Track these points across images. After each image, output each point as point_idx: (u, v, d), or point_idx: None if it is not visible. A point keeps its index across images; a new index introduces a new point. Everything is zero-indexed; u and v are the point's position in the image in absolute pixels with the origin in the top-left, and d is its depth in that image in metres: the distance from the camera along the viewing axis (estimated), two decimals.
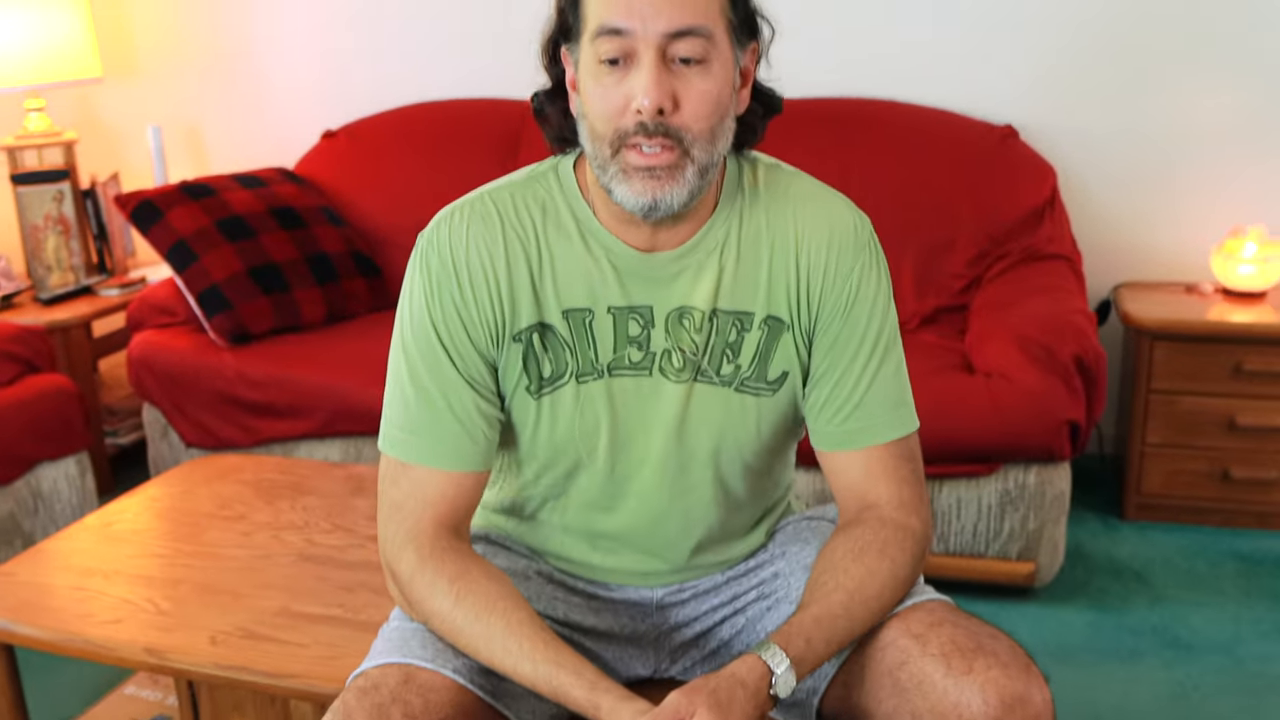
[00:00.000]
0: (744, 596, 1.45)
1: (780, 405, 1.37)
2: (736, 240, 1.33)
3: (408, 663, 1.26)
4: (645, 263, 1.31)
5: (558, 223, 1.32)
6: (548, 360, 1.32)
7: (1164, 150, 3.07)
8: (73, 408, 2.72)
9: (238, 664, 1.64)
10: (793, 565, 1.43)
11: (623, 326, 1.32)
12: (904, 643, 1.25)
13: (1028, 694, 1.19)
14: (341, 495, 2.16)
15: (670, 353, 1.32)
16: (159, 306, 3.05)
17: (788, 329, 1.34)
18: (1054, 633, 2.44)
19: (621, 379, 1.33)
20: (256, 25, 3.60)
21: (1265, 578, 2.63)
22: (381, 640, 1.35)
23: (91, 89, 3.68)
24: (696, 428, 1.34)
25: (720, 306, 1.32)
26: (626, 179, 1.21)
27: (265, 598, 1.81)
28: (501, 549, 1.48)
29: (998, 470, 2.47)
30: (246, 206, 3.09)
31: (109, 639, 1.72)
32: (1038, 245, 2.91)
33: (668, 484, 1.36)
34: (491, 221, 1.32)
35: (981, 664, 1.20)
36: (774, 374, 1.35)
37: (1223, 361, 2.77)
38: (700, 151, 1.21)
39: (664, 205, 1.22)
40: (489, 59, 3.41)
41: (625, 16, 1.17)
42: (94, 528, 2.08)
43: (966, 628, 1.25)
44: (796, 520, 1.51)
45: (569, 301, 1.32)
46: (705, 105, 1.20)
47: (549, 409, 1.34)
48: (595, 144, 1.23)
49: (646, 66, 1.17)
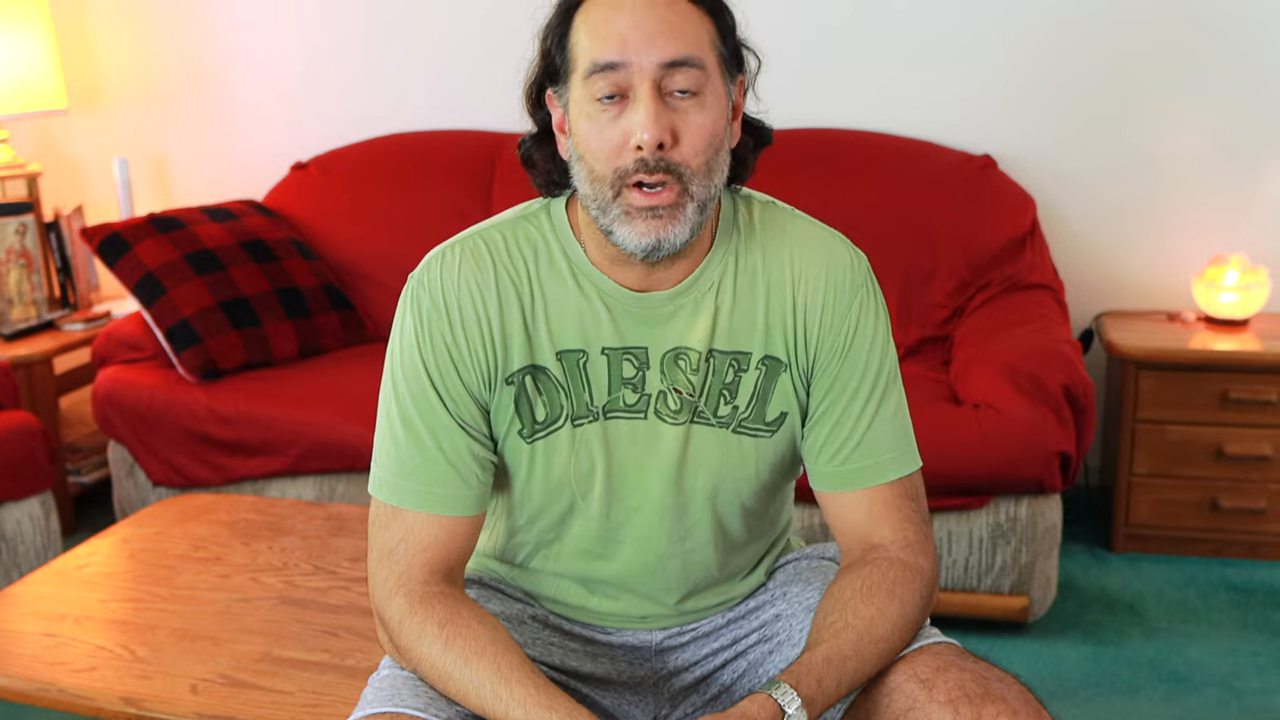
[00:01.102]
0: (745, 639, 1.40)
1: (778, 446, 1.33)
2: (733, 279, 1.30)
3: (400, 712, 1.21)
4: (639, 303, 1.28)
5: (550, 263, 1.29)
6: (541, 403, 1.29)
7: (1144, 179, 3.07)
8: (37, 445, 2.63)
9: (221, 714, 1.57)
10: (794, 607, 1.38)
11: (617, 368, 1.29)
12: (910, 688, 1.21)
13: None
14: (321, 536, 2.09)
15: (666, 394, 1.29)
16: (125, 341, 2.97)
17: (785, 369, 1.31)
18: (1050, 668, 2.40)
19: (617, 422, 1.29)
20: (224, 55, 3.54)
21: (1259, 609, 2.61)
22: (371, 690, 1.29)
23: (56, 120, 3.61)
24: (694, 470, 1.31)
25: (717, 347, 1.29)
26: (629, 220, 1.19)
27: (246, 643, 1.74)
28: (496, 593, 1.42)
29: (988, 503, 2.43)
30: (216, 240, 3.02)
31: (84, 688, 1.65)
32: (1019, 275, 2.90)
33: (665, 528, 1.32)
34: (483, 261, 1.28)
35: (990, 711, 1.16)
36: (772, 415, 1.32)
37: (1209, 390, 2.76)
38: (698, 188, 1.19)
39: (667, 245, 1.20)
40: (461, 89, 3.37)
41: (619, 51, 1.15)
42: (63, 571, 2.00)
43: (975, 672, 1.21)
44: (796, 559, 1.47)
45: (562, 343, 1.28)
46: (702, 139, 1.18)
47: (542, 454, 1.30)
48: (595, 185, 1.20)
49: (644, 100, 1.15)
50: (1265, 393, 2.73)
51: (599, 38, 1.17)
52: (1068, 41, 3.03)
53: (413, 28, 3.39)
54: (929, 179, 3.03)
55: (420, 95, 3.42)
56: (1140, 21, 2.98)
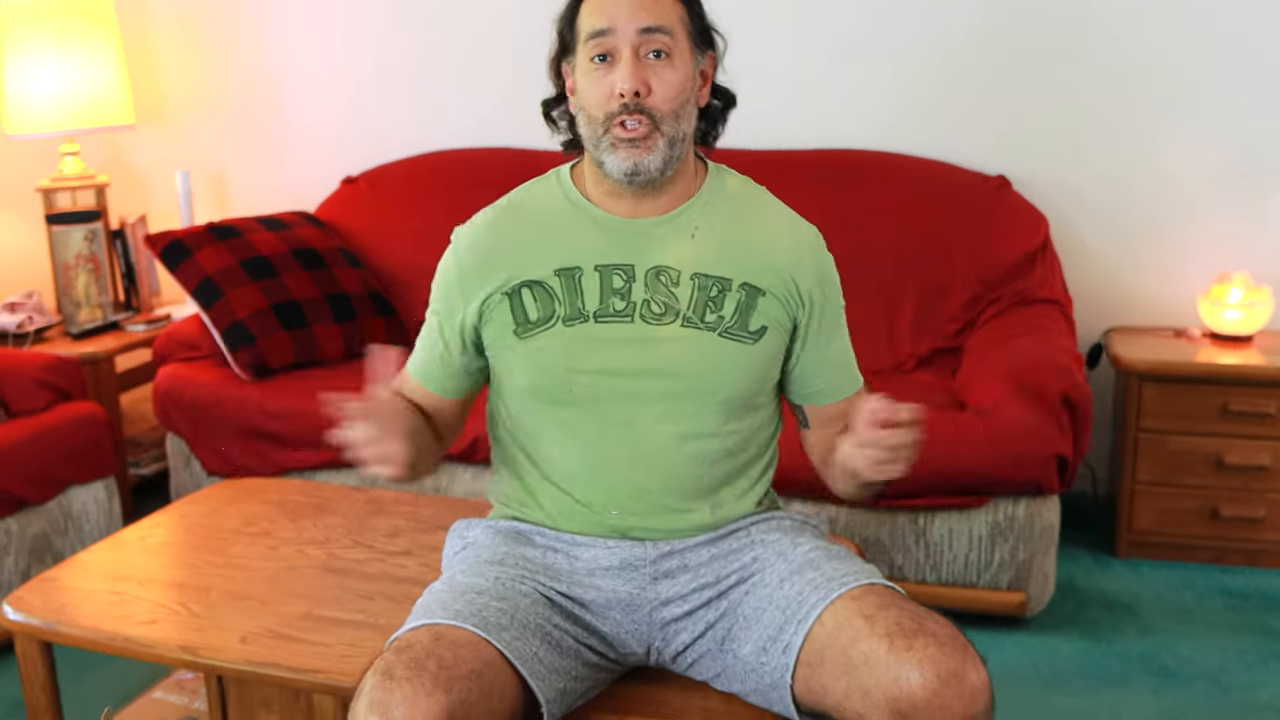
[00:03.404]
0: (727, 579, 1.58)
1: (758, 356, 1.61)
2: (712, 220, 1.62)
3: (436, 623, 1.43)
4: (628, 227, 1.60)
5: (556, 206, 1.64)
6: (535, 308, 1.60)
7: (1152, 201, 3.20)
8: (103, 434, 2.84)
9: (266, 661, 1.74)
10: (769, 551, 1.59)
11: (607, 280, 1.59)
12: (857, 622, 1.41)
13: (963, 671, 1.33)
14: (361, 515, 2.26)
15: (650, 302, 1.58)
16: (184, 341, 3.17)
17: (765, 296, 1.60)
18: (1045, 660, 2.53)
19: (606, 325, 1.58)
20: (280, 77, 3.76)
21: (1253, 612, 2.72)
22: (411, 616, 1.51)
23: (123, 135, 3.83)
24: (678, 366, 1.57)
25: (700, 270, 1.59)
26: (614, 150, 1.54)
27: (290, 603, 1.90)
28: (518, 539, 1.65)
29: (988, 503, 2.56)
30: (270, 247, 3.22)
31: (146, 638, 1.82)
32: (1030, 290, 3.04)
33: (651, 415, 1.58)
34: (507, 211, 1.67)
35: (921, 643, 1.34)
36: (754, 326, 1.60)
37: (1210, 402, 2.88)
38: (668, 127, 1.54)
39: (643, 169, 1.54)
40: (498, 111, 3.56)
41: (608, 21, 1.53)
42: (127, 541, 2.18)
43: (910, 610, 1.41)
44: (781, 518, 1.67)
45: (559, 262, 1.60)
46: (671, 90, 1.53)
47: (534, 348, 1.59)
48: (590, 127, 1.56)
49: (625, 61, 1.52)
50: (1265, 405, 2.85)
51: (595, 13, 1.54)
52: (1080, 71, 3.17)
53: (454, 54, 3.60)
54: (946, 198, 3.17)
55: (461, 116, 3.62)
56: (1149, 54, 3.12)
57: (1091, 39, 3.15)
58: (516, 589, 1.54)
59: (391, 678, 1.33)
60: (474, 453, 2.79)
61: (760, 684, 1.51)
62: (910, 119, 3.30)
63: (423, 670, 1.34)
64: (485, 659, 1.41)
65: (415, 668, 1.34)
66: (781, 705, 1.50)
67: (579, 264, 1.59)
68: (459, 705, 1.33)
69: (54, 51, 3.40)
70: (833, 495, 1.75)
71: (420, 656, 1.36)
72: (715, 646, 1.56)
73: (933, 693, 1.31)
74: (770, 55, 3.31)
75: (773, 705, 1.52)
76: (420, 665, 1.35)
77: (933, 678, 1.32)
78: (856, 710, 1.38)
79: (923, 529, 2.59)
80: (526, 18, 3.02)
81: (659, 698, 1.59)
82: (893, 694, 1.33)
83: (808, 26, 3.30)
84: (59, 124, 3.45)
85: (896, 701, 1.33)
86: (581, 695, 1.56)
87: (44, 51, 3.39)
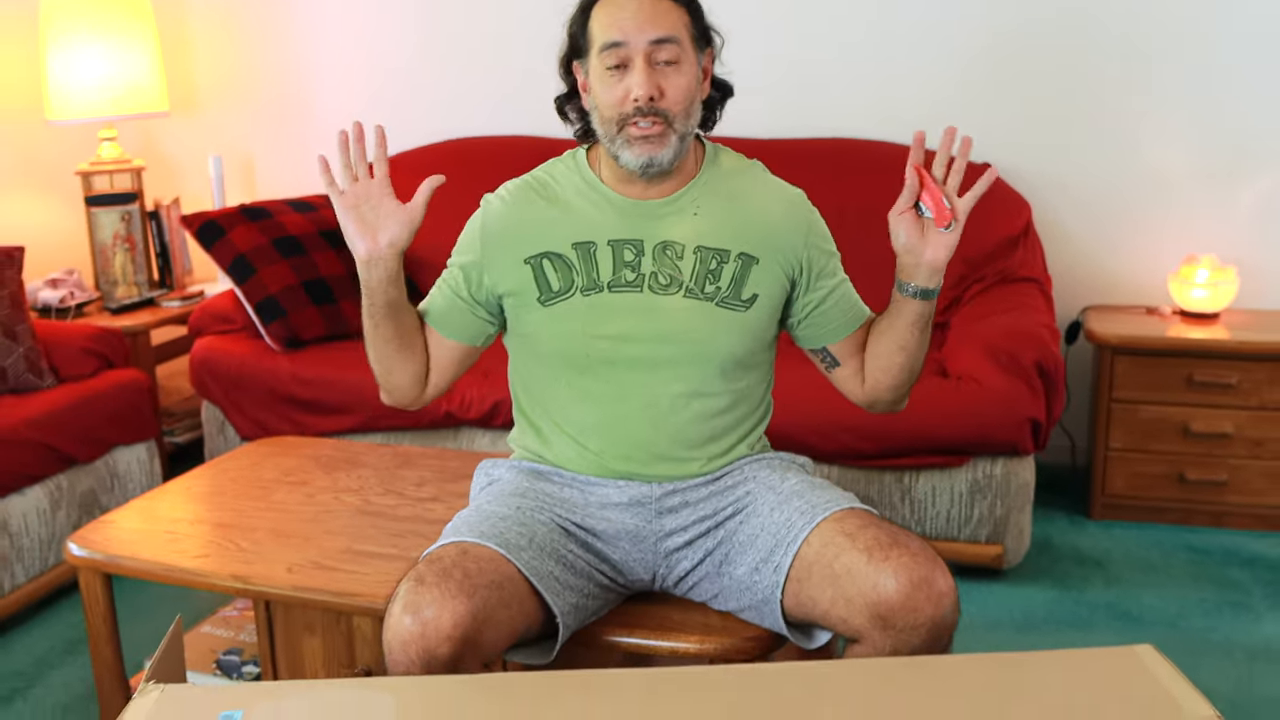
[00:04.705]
0: (723, 511, 1.79)
1: (750, 322, 1.79)
2: (710, 198, 1.79)
3: (462, 540, 1.64)
4: (637, 207, 1.78)
5: (572, 185, 1.82)
6: (556, 278, 1.77)
7: (1127, 189, 3.41)
8: (145, 399, 3.05)
9: (311, 587, 1.94)
10: (760, 486, 1.79)
11: (619, 254, 1.77)
12: (840, 540, 1.61)
13: (932, 577, 1.54)
14: (390, 468, 2.46)
15: (657, 274, 1.76)
16: (218, 315, 3.38)
17: (758, 264, 1.78)
18: (1019, 607, 2.73)
19: (619, 294, 1.76)
20: (307, 68, 3.97)
21: (1214, 566, 2.92)
22: (441, 536, 1.72)
23: (157, 121, 4.04)
24: (682, 331, 1.75)
25: (702, 244, 1.77)
26: (630, 145, 1.71)
27: (330, 540, 2.11)
28: (543, 477, 1.85)
29: (968, 462, 2.77)
30: (299, 228, 3.43)
31: (201, 569, 2.03)
32: (1011, 269, 3.24)
33: (660, 377, 1.76)
34: (526, 189, 1.85)
35: (895, 554, 1.56)
36: (746, 294, 1.78)
37: (1178, 374, 3.08)
38: (679, 124, 1.72)
39: (656, 162, 1.71)
40: (515, 101, 3.77)
41: (621, 34, 1.68)
42: (175, 490, 2.39)
43: (887, 528, 1.62)
44: (770, 458, 1.87)
45: (576, 237, 1.78)
46: (680, 93, 1.71)
47: (556, 316, 1.77)
48: (605, 126, 1.74)
49: (639, 69, 1.68)
50: (1228, 377, 3.05)
51: (608, 26, 1.69)
52: (1064, 67, 3.38)
53: (473, 47, 3.81)
54: None
55: (479, 105, 3.83)
56: (1126, 51, 3.32)
57: (1076, 43, 3.35)
58: (535, 518, 1.74)
59: (423, 583, 1.53)
60: (494, 417, 2.99)
61: (754, 600, 1.71)
62: (900, 110, 3.50)
63: (449, 578, 1.54)
64: (505, 574, 1.61)
65: (443, 576, 1.54)
66: (772, 619, 1.70)
67: (593, 239, 1.77)
68: (481, 609, 1.53)
69: (94, 42, 3.60)
70: (828, 455, 1.95)
71: (448, 567, 1.56)
72: (713, 570, 1.77)
73: (906, 596, 1.52)
74: (765, 46, 3.52)
75: (764, 619, 1.72)
76: (448, 574, 1.55)
77: (906, 583, 1.52)
78: (841, 616, 1.58)
79: (908, 487, 2.80)
80: (542, 11, 3.22)
81: (663, 615, 1.80)
82: (872, 599, 1.54)
83: (802, 19, 3.51)
84: (98, 110, 3.65)
85: (876, 605, 1.54)
86: (593, 613, 1.76)
87: (84, 42, 3.59)
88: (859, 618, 1.56)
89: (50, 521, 2.77)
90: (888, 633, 1.54)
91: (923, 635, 1.53)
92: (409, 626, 1.50)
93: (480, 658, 1.56)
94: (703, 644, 1.73)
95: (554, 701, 1.37)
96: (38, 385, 2.91)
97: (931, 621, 1.53)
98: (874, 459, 2.77)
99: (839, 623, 1.60)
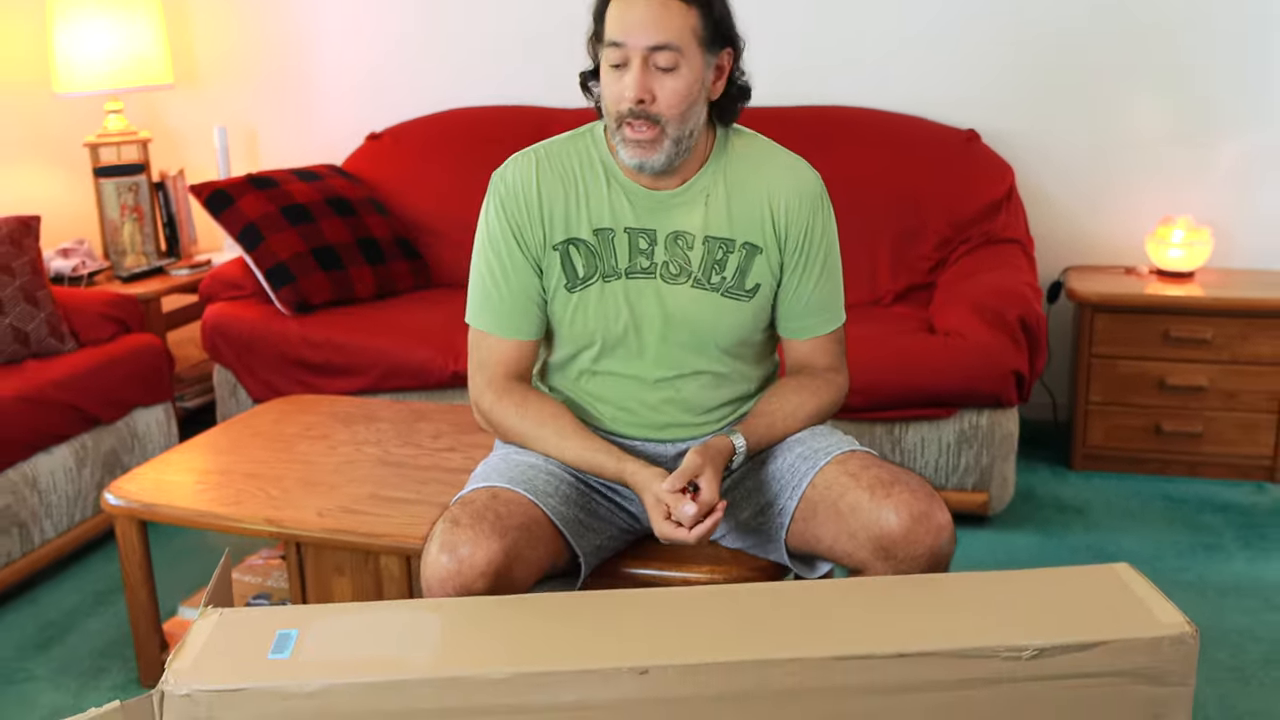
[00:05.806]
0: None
1: (753, 310, 1.86)
2: (721, 187, 1.83)
3: (493, 485, 1.75)
4: (651, 197, 1.82)
5: (591, 167, 1.84)
6: (581, 265, 1.83)
7: (1107, 153, 3.54)
8: (161, 362, 3.16)
9: (340, 529, 2.07)
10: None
11: (635, 242, 1.82)
12: (844, 480, 1.73)
13: (931, 511, 1.66)
14: (407, 421, 2.58)
15: (669, 263, 1.82)
16: (229, 282, 3.48)
17: (761, 253, 1.84)
18: (1004, 551, 2.87)
19: (635, 281, 1.83)
20: (309, 39, 4.06)
21: (1188, 512, 3.07)
22: (470, 480, 1.83)
23: (162, 94, 4.13)
24: (692, 318, 1.84)
25: (710, 233, 1.82)
26: (625, 145, 1.76)
27: (356, 487, 2.23)
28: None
29: (955, 414, 2.90)
30: (305, 196, 3.53)
31: (234, 514, 2.15)
32: (995, 231, 3.37)
33: (671, 358, 1.86)
34: (543, 163, 1.85)
35: (897, 490, 1.68)
36: (749, 285, 1.85)
37: (1155, 330, 3.22)
38: (673, 129, 1.73)
39: (648, 165, 1.76)
40: (516, 71, 3.88)
41: (623, 34, 1.70)
42: (201, 445, 2.50)
43: (888, 467, 1.74)
44: None
45: (597, 223, 1.83)
46: (675, 98, 1.71)
47: (581, 301, 1.84)
48: (608, 119, 1.78)
49: (633, 71, 1.70)
50: (1202, 332, 3.19)
51: (614, 23, 1.71)
52: (1045, 33, 3.50)
53: (474, 17, 3.90)
54: (919, 150, 3.49)
55: (480, 75, 3.93)
56: (1106, 19, 3.45)
57: (1056, 11, 3.47)
58: (561, 467, 1.85)
59: (458, 524, 1.64)
60: None
61: (760, 540, 1.85)
62: (885, 76, 3.62)
63: (482, 520, 1.65)
64: (533, 516, 1.72)
65: (476, 517, 1.65)
66: (776, 554, 1.84)
67: (611, 226, 1.82)
68: (511, 548, 1.64)
69: (99, 16, 3.69)
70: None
71: (480, 509, 1.67)
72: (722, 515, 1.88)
73: (907, 529, 1.64)
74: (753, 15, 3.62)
75: (769, 554, 1.86)
76: (480, 515, 1.65)
77: (907, 518, 1.64)
78: (845, 549, 1.71)
79: (898, 437, 2.94)
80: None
81: (675, 548, 1.92)
82: (875, 533, 1.66)
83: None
84: (104, 83, 3.74)
85: (879, 539, 1.66)
86: (612, 551, 1.89)
87: (90, 16, 3.68)
88: (863, 551, 1.68)
89: (76, 479, 2.88)
90: (890, 563, 1.66)
91: (922, 565, 1.65)
92: (446, 564, 1.61)
93: (510, 592, 1.66)
94: (712, 574, 1.86)
95: (586, 615, 1.51)
96: (59, 349, 3.01)
97: (930, 552, 1.65)
98: (865, 411, 2.90)
99: (844, 556, 1.72)
